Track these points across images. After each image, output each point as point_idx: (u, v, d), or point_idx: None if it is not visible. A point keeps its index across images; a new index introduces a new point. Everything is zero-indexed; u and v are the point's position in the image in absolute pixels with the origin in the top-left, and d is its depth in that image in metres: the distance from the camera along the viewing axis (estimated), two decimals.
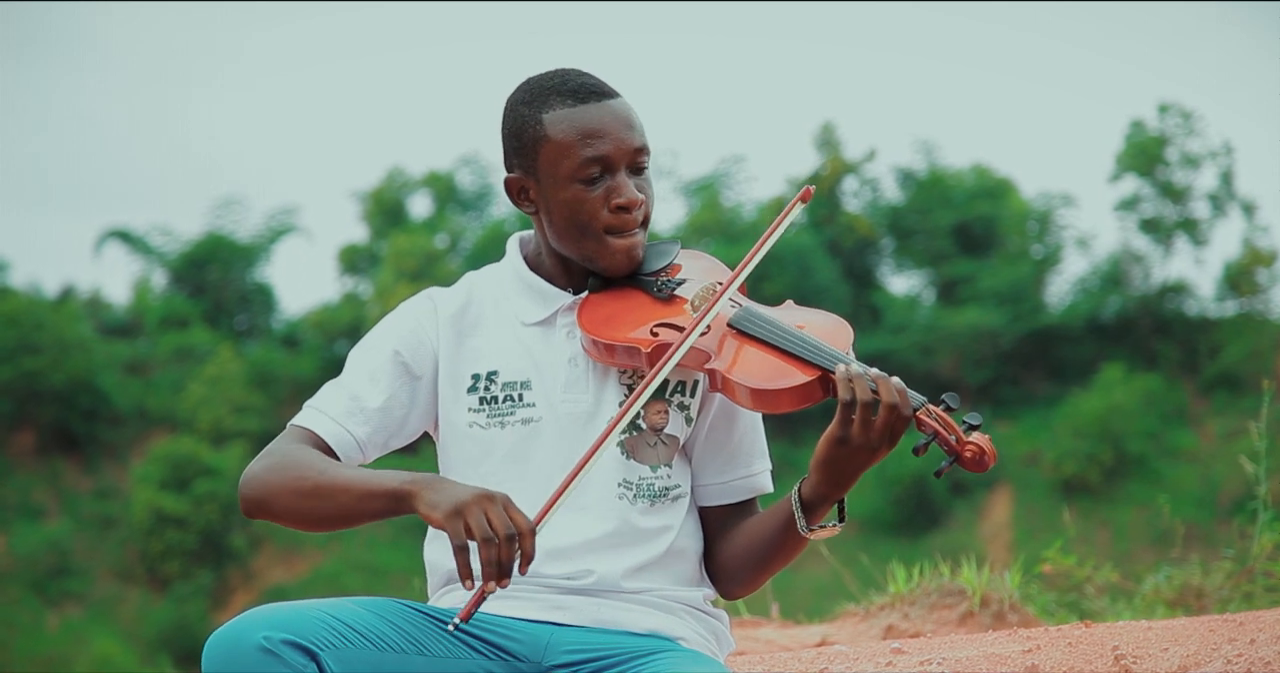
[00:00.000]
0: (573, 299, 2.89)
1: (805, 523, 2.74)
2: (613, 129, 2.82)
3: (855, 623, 6.01)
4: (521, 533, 2.53)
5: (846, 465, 2.69)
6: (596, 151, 2.81)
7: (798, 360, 2.73)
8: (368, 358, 2.87)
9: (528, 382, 2.84)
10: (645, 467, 2.83)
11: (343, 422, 2.80)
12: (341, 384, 2.85)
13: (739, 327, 2.80)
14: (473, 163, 44.60)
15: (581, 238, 2.84)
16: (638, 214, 2.85)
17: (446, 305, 2.91)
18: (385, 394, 2.83)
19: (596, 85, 2.85)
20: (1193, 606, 6.52)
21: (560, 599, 2.78)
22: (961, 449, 2.65)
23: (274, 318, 43.24)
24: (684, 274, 2.92)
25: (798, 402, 2.72)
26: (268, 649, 2.55)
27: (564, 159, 2.81)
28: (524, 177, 2.87)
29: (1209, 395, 36.91)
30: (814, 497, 2.73)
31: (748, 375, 2.73)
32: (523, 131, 2.85)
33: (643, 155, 2.85)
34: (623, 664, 2.72)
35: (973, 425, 2.66)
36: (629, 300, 2.87)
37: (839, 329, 2.80)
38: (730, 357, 2.77)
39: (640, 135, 2.85)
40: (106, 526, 35.21)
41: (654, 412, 2.84)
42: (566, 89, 2.84)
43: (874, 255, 42.43)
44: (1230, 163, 39.41)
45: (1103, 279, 40.11)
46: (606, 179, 2.82)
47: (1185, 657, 3.71)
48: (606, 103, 2.84)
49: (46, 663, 29.65)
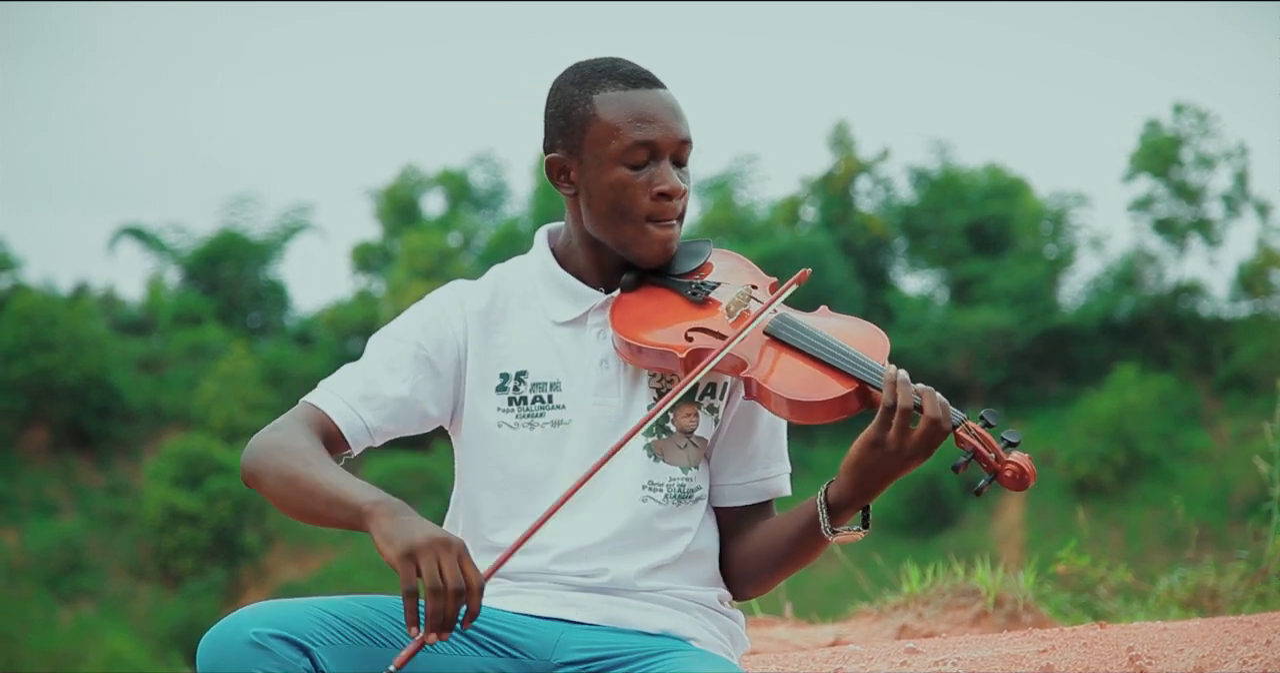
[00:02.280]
0: (604, 299, 2.86)
1: (830, 525, 2.72)
2: (663, 116, 2.81)
3: (869, 623, 6.00)
4: (470, 590, 2.48)
5: (877, 470, 2.67)
6: (646, 136, 2.79)
7: (835, 371, 2.71)
8: (389, 347, 2.83)
9: (558, 383, 2.82)
10: (676, 468, 2.81)
11: (355, 406, 2.77)
12: (359, 369, 2.82)
13: (776, 335, 2.77)
14: (486, 161, 44.66)
15: (621, 223, 2.81)
16: (678, 204, 2.83)
17: (473, 301, 2.87)
18: (403, 384, 2.79)
19: (648, 74, 2.84)
20: (1207, 607, 6.50)
21: (573, 597, 2.76)
22: (1002, 468, 2.65)
23: (287, 315, 43.31)
24: (716, 275, 2.89)
25: (834, 413, 2.70)
26: (258, 644, 2.53)
27: (612, 140, 2.79)
28: (567, 157, 2.83)
29: (1223, 396, 36.86)
30: (840, 500, 2.71)
31: (785, 386, 2.70)
32: (571, 111, 2.82)
33: (687, 148, 2.84)
34: (631, 664, 2.70)
35: (1012, 443, 2.65)
36: (662, 302, 2.84)
37: (876, 339, 2.78)
38: (767, 365, 2.74)
39: (687, 128, 2.84)
40: (119, 522, 35.27)
41: (684, 415, 2.82)
42: (619, 73, 2.82)
43: (887, 255, 42.42)
44: (1245, 163, 39.38)
45: (1116, 279, 40.08)
46: (651, 166, 2.81)
47: (1201, 658, 3.70)
48: (657, 91, 2.83)
49: (59, 659, 29.70)
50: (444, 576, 2.46)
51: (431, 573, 2.46)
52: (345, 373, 2.83)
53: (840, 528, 2.73)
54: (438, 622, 2.47)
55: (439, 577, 2.46)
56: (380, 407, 2.78)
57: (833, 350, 2.73)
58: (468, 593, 2.48)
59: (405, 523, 2.52)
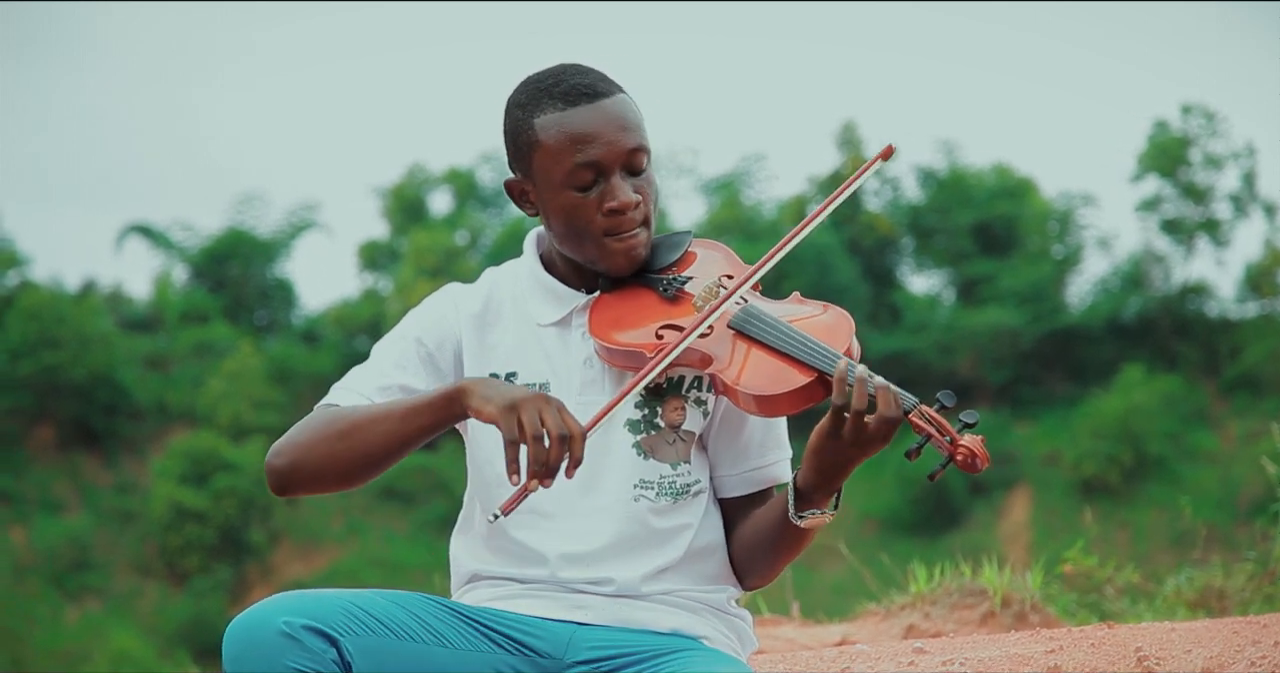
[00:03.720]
0: (586, 299, 2.87)
1: (795, 509, 2.71)
2: (603, 132, 2.76)
3: (876, 622, 6.00)
4: (573, 436, 2.54)
5: (836, 458, 2.65)
6: (587, 157, 2.76)
7: (795, 362, 2.69)
8: (394, 347, 2.86)
9: (546, 383, 2.83)
10: (665, 465, 2.81)
11: (373, 397, 2.79)
12: (368, 368, 2.85)
13: (739, 328, 2.76)
14: (493, 160, 44.64)
15: (580, 242, 2.81)
16: (634, 215, 2.80)
17: (468, 302, 2.89)
18: (414, 378, 2.81)
19: (588, 86, 2.79)
20: (1214, 607, 6.50)
21: (581, 599, 2.77)
22: (954, 452, 2.61)
23: (294, 314, 43.34)
24: (693, 269, 2.88)
25: (799, 404, 2.68)
26: (288, 634, 2.55)
27: (556, 166, 2.77)
28: (523, 180, 2.84)
29: (1229, 397, 36.83)
30: (806, 486, 2.70)
31: (748, 381, 2.69)
32: (518, 136, 2.81)
33: (638, 155, 2.79)
34: (645, 662, 2.71)
35: (968, 424, 2.62)
36: (637, 301, 2.84)
37: (838, 323, 2.75)
38: (731, 361, 2.73)
39: (634, 135, 2.78)
40: (126, 520, 35.30)
41: (671, 409, 2.82)
42: (558, 91, 2.78)
43: (894, 254, 42.40)
44: (1253, 164, 39.35)
45: (1123, 280, 40.05)
46: (601, 183, 2.78)
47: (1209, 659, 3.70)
48: (599, 103, 2.78)
49: (65, 657, 29.73)
50: (546, 424, 2.53)
51: (534, 422, 2.53)
52: (356, 372, 2.85)
53: (806, 513, 2.71)
54: (541, 468, 2.53)
55: (540, 425, 2.53)
56: (396, 395, 2.80)
57: (792, 340, 2.71)
58: (570, 439, 2.54)
59: (500, 384, 2.61)
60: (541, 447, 2.52)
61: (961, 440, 2.61)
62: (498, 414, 2.55)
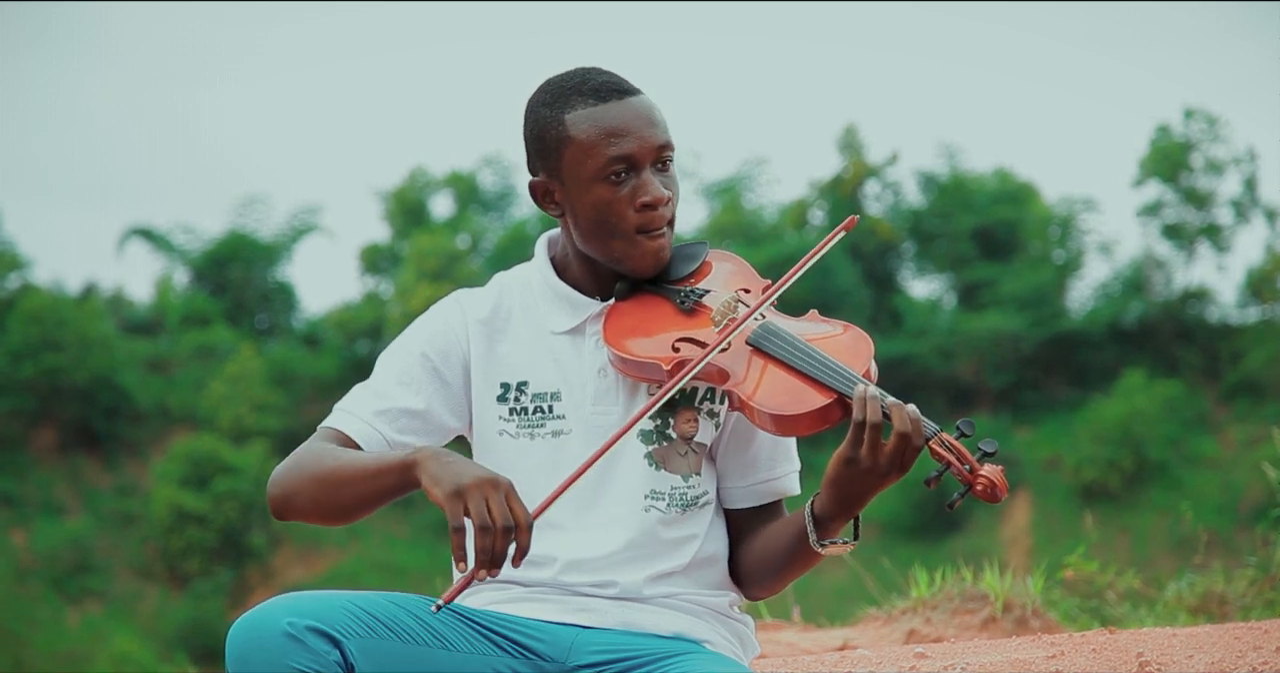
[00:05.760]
0: (601, 307, 2.86)
1: (817, 538, 2.71)
2: (636, 126, 2.78)
3: (877, 627, 6.00)
4: (519, 527, 2.51)
5: (854, 487, 2.65)
6: (621, 150, 2.77)
7: (814, 382, 2.68)
8: (396, 361, 2.85)
9: (557, 393, 2.82)
10: (677, 476, 2.81)
11: (372, 421, 2.79)
12: (369, 386, 2.84)
13: (757, 344, 2.75)
14: (495, 163, 44.68)
15: (610, 239, 2.80)
16: (665, 211, 2.81)
17: (476, 310, 2.88)
18: (417, 398, 2.81)
19: (617, 83, 2.82)
20: (1215, 613, 6.50)
21: (585, 602, 2.77)
22: (974, 481, 2.62)
23: (295, 317, 43.33)
24: (709, 281, 2.87)
25: (816, 424, 2.67)
26: (291, 635, 2.55)
27: (588, 159, 2.77)
28: (548, 179, 2.83)
29: (1230, 402, 36.82)
30: (824, 514, 2.70)
31: (766, 399, 2.68)
32: (545, 134, 2.81)
33: (667, 151, 2.81)
34: (648, 666, 2.71)
35: (988, 453, 2.62)
36: (653, 310, 2.83)
37: (858, 344, 2.75)
38: (749, 378, 2.72)
39: (663, 131, 2.81)
40: (127, 523, 35.30)
41: (684, 421, 2.82)
42: (587, 88, 2.80)
43: (895, 259, 42.39)
44: (1254, 169, 39.35)
45: (1125, 285, 40.04)
46: (632, 178, 2.79)
47: (1210, 664, 3.70)
48: (628, 100, 2.80)
49: (66, 660, 29.74)
50: (492, 513, 2.49)
51: (480, 511, 2.49)
52: (357, 392, 2.85)
53: (828, 541, 2.71)
54: (487, 558, 2.49)
55: (487, 515, 2.49)
56: (396, 419, 2.80)
57: (811, 361, 2.70)
58: (516, 530, 2.50)
59: (451, 463, 2.55)
60: (488, 538, 2.49)
61: (982, 471, 2.62)
62: (443, 499, 2.51)
